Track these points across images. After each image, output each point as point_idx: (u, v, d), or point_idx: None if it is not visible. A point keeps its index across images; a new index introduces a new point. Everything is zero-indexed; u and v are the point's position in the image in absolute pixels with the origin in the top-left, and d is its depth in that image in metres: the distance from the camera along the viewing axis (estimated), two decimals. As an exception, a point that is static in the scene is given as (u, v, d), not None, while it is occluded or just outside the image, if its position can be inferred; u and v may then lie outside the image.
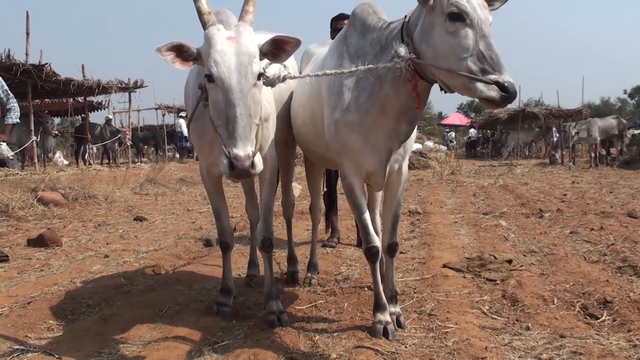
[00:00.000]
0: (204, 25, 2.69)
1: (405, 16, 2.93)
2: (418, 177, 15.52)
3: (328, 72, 3.04)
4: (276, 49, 2.82)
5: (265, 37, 2.82)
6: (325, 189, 6.13)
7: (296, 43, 2.83)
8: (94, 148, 21.22)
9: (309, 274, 4.62)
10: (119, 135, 20.77)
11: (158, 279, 4.69)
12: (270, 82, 2.87)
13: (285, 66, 2.98)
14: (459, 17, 2.54)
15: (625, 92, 62.17)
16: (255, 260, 4.73)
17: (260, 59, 2.73)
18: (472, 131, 35.01)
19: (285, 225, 4.95)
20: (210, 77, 2.58)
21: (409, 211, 8.22)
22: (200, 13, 2.71)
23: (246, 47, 2.62)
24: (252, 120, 2.57)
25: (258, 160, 2.58)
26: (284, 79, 2.95)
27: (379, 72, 2.92)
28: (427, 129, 32.03)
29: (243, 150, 2.49)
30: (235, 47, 2.60)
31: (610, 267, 4.72)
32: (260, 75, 2.69)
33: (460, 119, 42.47)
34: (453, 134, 36.02)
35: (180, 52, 2.70)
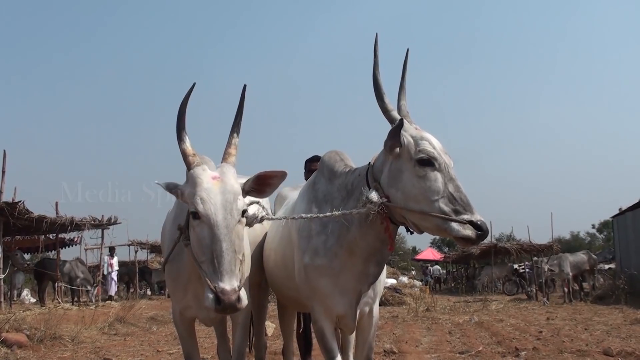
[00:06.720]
0: (189, 166, 2.81)
1: (370, 162, 3.06)
2: (393, 314, 15.32)
3: (304, 215, 3.13)
4: (261, 185, 2.94)
5: (243, 180, 2.94)
6: (300, 327, 6.02)
7: (282, 175, 2.96)
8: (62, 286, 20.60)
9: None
10: (98, 280, 20.15)
11: None
12: (249, 222, 2.95)
13: (263, 207, 3.08)
14: (428, 162, 2.69)
15: (593, 226, 63.42)
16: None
17: (244, 197, 2.83)
18: (437, 267, 35.71)
19: (257, 369, 4.83)
20: (195, 214, 2.66)
21: (384, 350, 8.05)
22: (185, 155, 2.85)
23: (231, 185, 2.74)
24: (236, 256, 2.64)
25: (243, 294, 2.63)
26: (261, 220, 3.05)
27: (346, 215, 3.01)
28: (401, 264, 32.05)
29: (229, 284, 2.55)
30: (220, 186, 2.71)
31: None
32: (244, 212, 2.78)
33: (433, 254, 42.82)
34: (434, 268, 36.47)
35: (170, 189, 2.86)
